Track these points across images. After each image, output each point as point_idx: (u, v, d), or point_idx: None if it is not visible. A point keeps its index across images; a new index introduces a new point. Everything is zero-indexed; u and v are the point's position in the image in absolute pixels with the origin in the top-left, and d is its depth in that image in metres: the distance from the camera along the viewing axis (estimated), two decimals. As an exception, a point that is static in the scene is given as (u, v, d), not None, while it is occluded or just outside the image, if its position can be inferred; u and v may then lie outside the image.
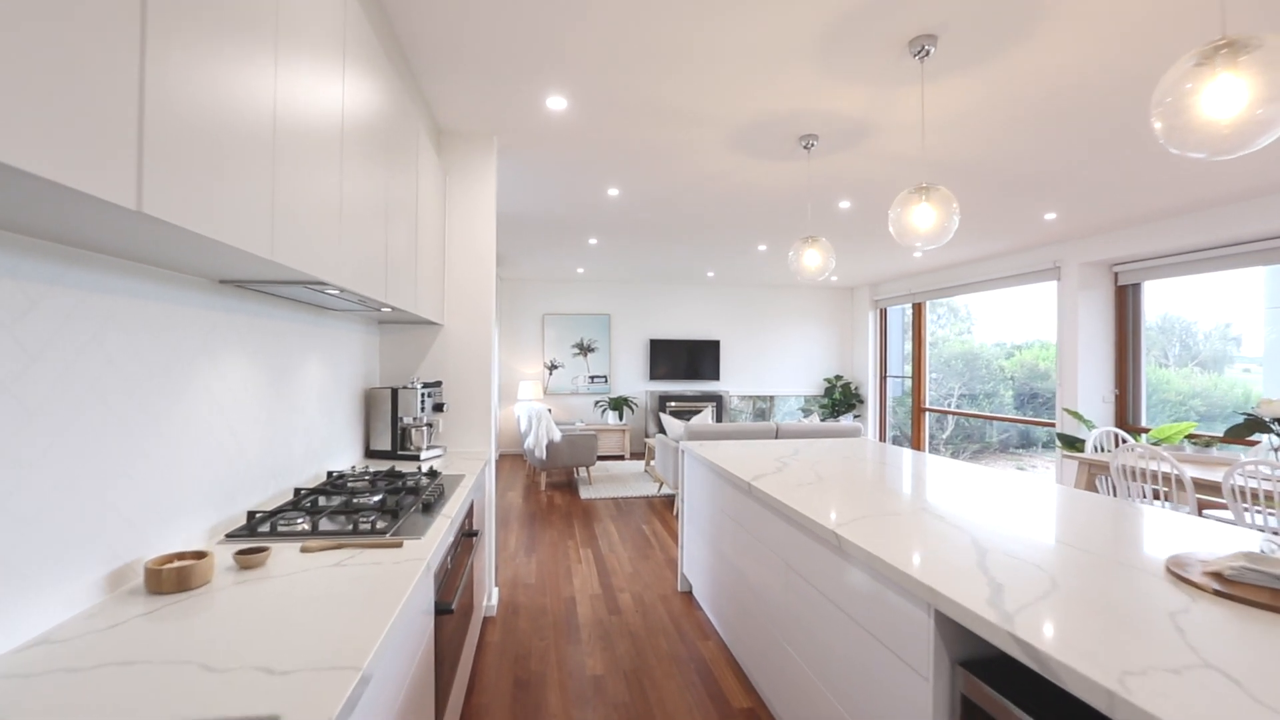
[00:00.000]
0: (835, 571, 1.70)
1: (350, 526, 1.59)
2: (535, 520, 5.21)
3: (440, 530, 1.66)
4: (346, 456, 2.60)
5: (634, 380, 9.14)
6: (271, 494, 1.88)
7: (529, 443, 6.33)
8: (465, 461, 2.83)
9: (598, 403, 8.88)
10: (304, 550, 1.45)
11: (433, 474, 2.35)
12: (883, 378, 9.24)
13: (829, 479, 2.43)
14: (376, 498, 1.93)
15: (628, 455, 8.56)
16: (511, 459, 8.42)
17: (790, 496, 2.11)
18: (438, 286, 3.01)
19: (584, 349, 8.98)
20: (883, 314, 9.24)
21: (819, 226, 5.41)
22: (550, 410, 8.39)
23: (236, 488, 1.66)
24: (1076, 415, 5.69)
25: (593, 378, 9.01)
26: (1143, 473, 3.59)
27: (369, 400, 2.86)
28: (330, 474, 2.25)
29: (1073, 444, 5.58)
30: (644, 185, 4.12)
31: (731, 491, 2.67)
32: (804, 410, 9.74)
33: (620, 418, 8.65)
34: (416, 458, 2.81)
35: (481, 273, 3.24)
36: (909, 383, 9.36)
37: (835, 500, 2.05)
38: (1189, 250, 5.02)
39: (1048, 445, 11.89)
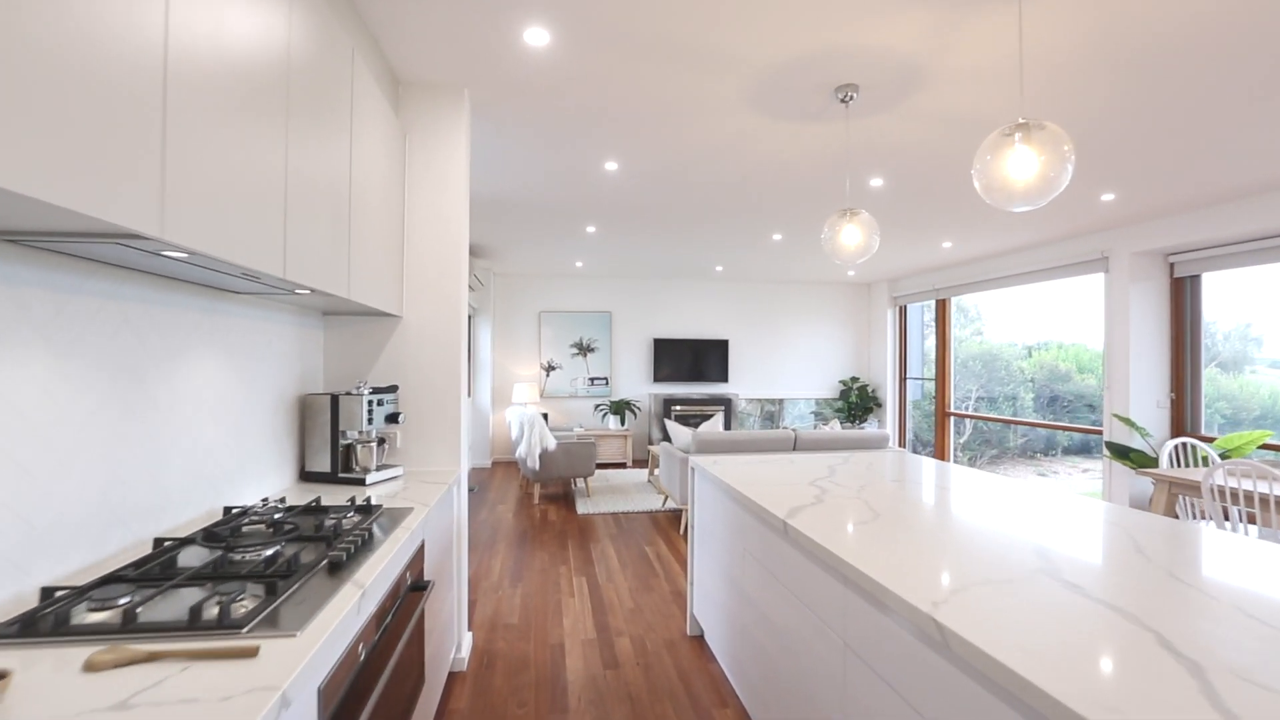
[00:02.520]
0: (935, 676, 1.13)
1: (188, 616, 1.03)
2: (525, 540, 4.64)
3: (340, 612, 1.10)
4: (269, 482, 2.05)
5: (637, 382, 8.58)
6: (116, 549, 1.33)
7: (520, 451, 5.78)
8: (423, 487, 2.27)
9: (598, 406, 8.32)
10: (89, 668, 0.89)
11: (367, 509, 1.79)
12: (902, 380, 8.65)
13: (887, 514, 1.86)
14: (270, 550, 1.37)
15: (630, 463, 8.00)
16: (505, 466, 7.86)
17: (848, 547, 1.54)
18: (392, 269, 2.45)
19: (583, 349, 8.42)
20: (902, 311, 8.66)
21: (830, 214, 4.83)
22: (546, 415, 7.84)
23: (34, 549, 1.11)
24: (1128, 422, 5.11)
25: (592, 379, 8.45)
26: (1244, 494, 3.01)
27: (305, 410, 2.31)
28: (228, 511, 1.69)
29: (1125, 454, 5.00)
30: (647, 156, 3.55)
31: (757, 527, 2.10)
32: (816, 414, 9.16)
33: (622, 422, 8.09)
34: (361, 481, 2.25)
35: (451, 254, 2.68)
36: (927, 385, 8.78)
37: (910, 552, 1.49)
38: (1258, 237, 4.44)
39: (1069, 450, 11.33)
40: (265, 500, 1.82)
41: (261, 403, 1.99)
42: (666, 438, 8.14)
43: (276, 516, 1.66)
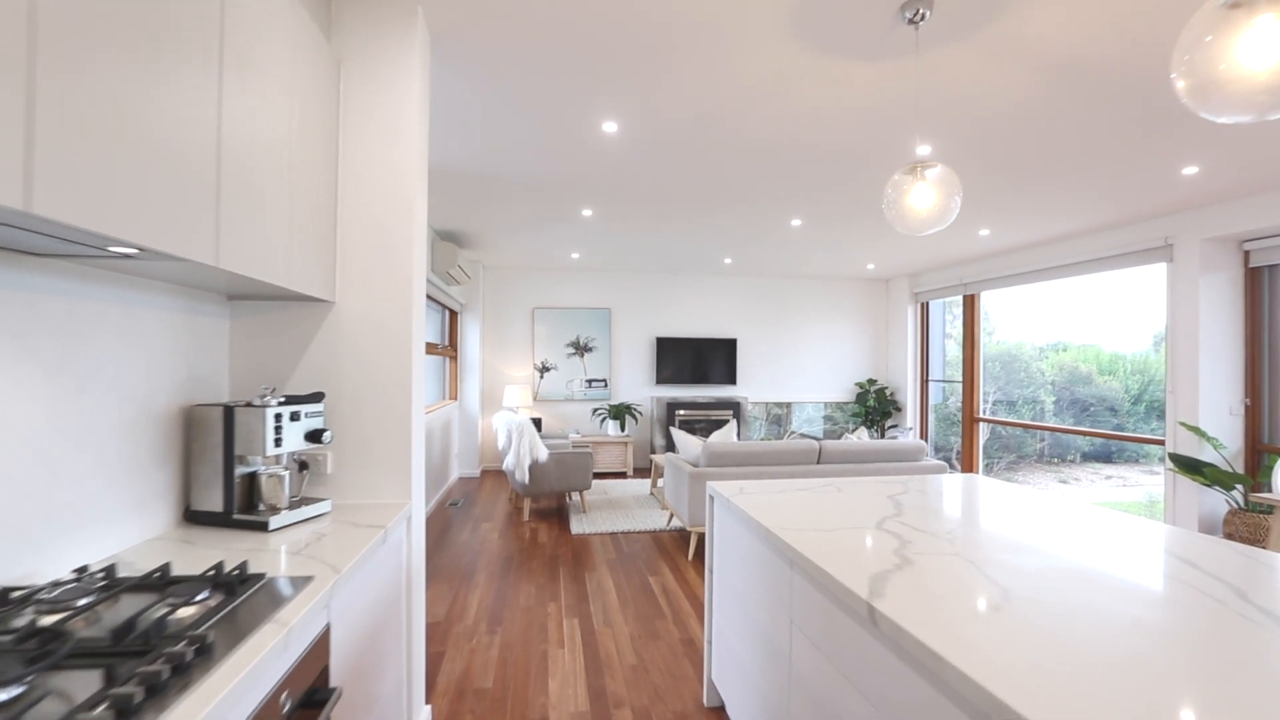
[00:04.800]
0: None
1: None
2: (511, 567, 4.03)
3: None
4: (116, 535, 1.43)
5: (638, 384, 7.96)
6: None
7: (508, 463, 5.16)
8: (350, 533, 1.65)
9: (596, 410, 7.70)
10: None
11: (233, 583, 1.17)
12: (924, 382, 8.04)
13: (1019, 590, 1.24)
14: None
15: (630, 472, 7.38)
16: (496, 475, 7.25)
17: (1005, 675, 0.92)
18: (316, 237, 1.84)
19: (580, 348, 7.81)
20: (924, 308, 8.04)
21: (869, 191, 4.22)
22: (540, 420, 7.22)
23: None
24: (1198, 432, 4.49)
25: (590, 381, 7.83)
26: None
27: (191, 427, 1.69)
28: (3, 596, 1.08)
29: (1196, 468, 4.38)
30: (653, 112, 2.94)
31: (811, 594, 1.49)
32: (827, 418, 8.54)
33: (622, 428, 7.47)
34: (264, 526, 1.64)
35: (401, 221, 2.06)
36: (949, 387, 8.18)
37: (1119, 686, 0.87)
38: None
39: (1089, 456, 10.74)
40: (82, 571, 1.21)
41: (101, 420, 1.38)
42: (670, 445, 7.52)
43: (81, 604, 1.05)
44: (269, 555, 1.44)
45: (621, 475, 7.32)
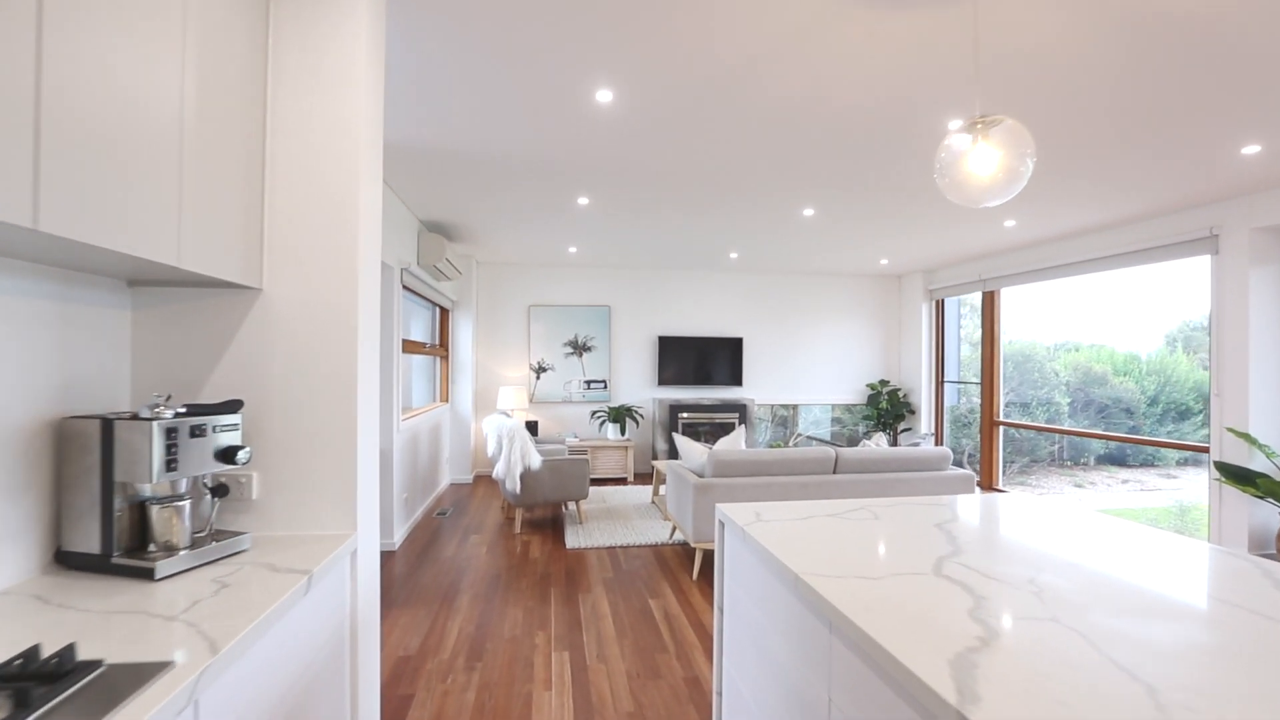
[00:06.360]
0: None
1: None
2: (497, 588, 3.66)
3: None
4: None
5: (639, 386, 7.59)
6: None
7: (499, 471, 4.80)
8: (266, 580, 1.29)
9: (595, 413, 7.33)
10: None
11: (29, 690, 0.81)
12: (939, 383, 7.65)
13: (1173, 695, 0.87)
14: None
15: (631, 478, 7.01)
16: (488, 481, 6.88)
17: None
18: (233, 207, 1.48)
19: (579, 348, 7.44)
20: (939, 306, 7.66)
21: (891, 171, 3.85)
22: (536, 424, 6.85)
23: None
24: (1247, 438, 4.11)
25: (589, 382, 7.46)
26: None
27: (63, 446, 1.33)
28: None
29: (1248, 479, 4.01)
30: (653, 77, 2.58)
31: (866, 678, 1.12)
32: (835, 420, 8.17)
33: (622, 431, 7.10)
34: (149, 573, 1.27)
35: (346, 190, 1.70)
36: (964, 389, 7.81)
37: None
38: None
39: (1103, 459, 10.39)
40: None
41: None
42: (673, 450, 7.15)
43: None
44: (137, 620, 1.08)
45: (621, 481, 6.95)
